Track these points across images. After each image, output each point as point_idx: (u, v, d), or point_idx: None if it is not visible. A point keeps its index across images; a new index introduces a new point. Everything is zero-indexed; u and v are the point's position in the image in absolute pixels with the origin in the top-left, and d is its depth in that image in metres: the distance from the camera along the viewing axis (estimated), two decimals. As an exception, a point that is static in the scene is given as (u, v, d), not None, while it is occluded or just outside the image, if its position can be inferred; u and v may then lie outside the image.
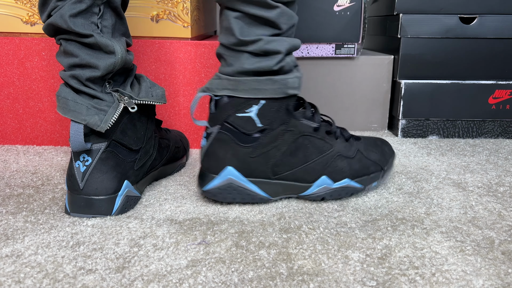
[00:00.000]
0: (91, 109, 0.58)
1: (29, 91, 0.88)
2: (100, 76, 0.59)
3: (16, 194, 0.67)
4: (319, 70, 1.03)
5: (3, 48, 0.86)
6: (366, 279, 0.46)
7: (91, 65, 0.59)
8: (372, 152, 0.68)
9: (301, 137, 0.62)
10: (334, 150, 0.64)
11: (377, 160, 0.67)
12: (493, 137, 1.01)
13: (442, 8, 0.96)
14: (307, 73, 1.04)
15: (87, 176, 0.58)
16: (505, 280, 0.46)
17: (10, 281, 0.45)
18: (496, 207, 0.64)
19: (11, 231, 0.55)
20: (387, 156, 0.69)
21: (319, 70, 1.03)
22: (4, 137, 0.91)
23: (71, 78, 0.59)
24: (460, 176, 0.76)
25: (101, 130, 0.58)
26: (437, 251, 0.51)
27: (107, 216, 0.59)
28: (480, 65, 0.99)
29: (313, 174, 0.63)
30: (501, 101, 0.99)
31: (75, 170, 0.58)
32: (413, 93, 0.99)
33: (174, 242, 0.53)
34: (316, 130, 0.63)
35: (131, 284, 0.45)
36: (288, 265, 0.48)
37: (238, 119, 0.60)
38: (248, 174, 0.62)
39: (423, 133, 1.01)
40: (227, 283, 0.45)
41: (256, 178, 0.62)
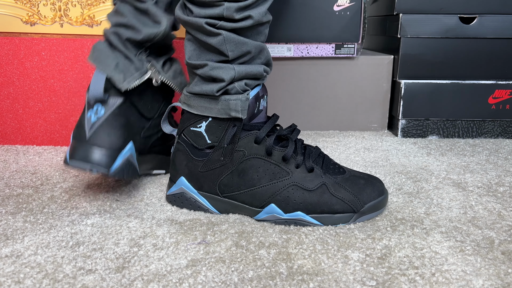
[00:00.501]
0: (119, 67, 0.62)
1: (29, 91, 0.88)
2: (139, 40, 0.63)
3: (16, 194, 0.67)
4: (319, 70, 1.03)
5: (3, 48, 0.86)
6: (366, 279, 0.46)
7: (134, 28, 0.63)
8: (345, 189, 0.58)
9: (251, 159, 0.60)
10: (290, 179, 0.58)
11: (347, 200, 0.57)
12: (493, 137, 1.01)
13: (442, 8, 0.96)
14: (307, 73, 1.04)
15: (96, 127, 0.60)
16: (505, 280, 0.46)
17: (10, 281, 0.45)
18: (496, 207, 0.64)
19: (10, 231, 0.55)
20: (366, 198, 0.58)
21: (319, 70, 1.03)
22: (4, 137, 0.91)
23: (112, 34, 0.64)
24: (460, 176, 0.76)
25: (122, 88, 0.61)
26: (437, 251, 0.51)
27: (105, 171, 0.58)
28: (480, 65, 0.99)
29: (261, 200, 0.59)
30: (501, 101, 0.99)
31: (85, 120, 0.60)
32: (413, 93, 0.99)
33: (174, 242, 0.53)
34: (268, 154, 0.59)
35: (131, 284, 0.45)
36: (288, 265, 0.48)
37: (191, 132, 0.62)
38: (199, 187, 0.62)
39: (423, 133, 1.01)
40: (227, 283, 0.45)
41: (206, 193, 0.62)
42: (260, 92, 0.61)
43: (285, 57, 1.03)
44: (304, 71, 1.04)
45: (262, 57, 0.61)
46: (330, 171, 0.61)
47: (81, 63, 0.87)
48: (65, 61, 0.87)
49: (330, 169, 0.61)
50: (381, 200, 0.60)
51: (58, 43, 0.86)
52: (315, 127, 1.08)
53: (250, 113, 0.60)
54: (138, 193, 0.68)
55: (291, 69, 1.04)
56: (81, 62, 0.87)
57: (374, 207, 0.59)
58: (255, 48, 0.59)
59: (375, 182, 0.61)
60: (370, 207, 0.59)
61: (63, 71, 0.87)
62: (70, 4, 0.87)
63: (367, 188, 0.59)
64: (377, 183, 0.61)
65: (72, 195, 0.66)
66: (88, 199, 0.65)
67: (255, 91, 0.60)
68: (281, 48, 1.02)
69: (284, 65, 1.04)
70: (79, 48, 0.86)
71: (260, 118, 0.62)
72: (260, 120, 0.62)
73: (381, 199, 0.60)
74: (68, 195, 0.66)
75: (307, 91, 1.04)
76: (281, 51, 1.02)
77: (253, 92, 0.60)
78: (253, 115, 0.61)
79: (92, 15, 0.87)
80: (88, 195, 0.67)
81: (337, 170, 0.61)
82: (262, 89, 0.62)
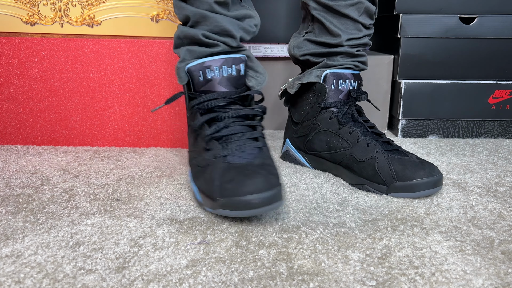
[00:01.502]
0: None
1: (29, 91, 0.88)
2: None
3: (16, 194, 0.67)
4: (319, 70, 1.03)
5: (3, 48, 0.86)
6: (366, 279, 0.46)
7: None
8: (389, 165, 0.67)
9: (323, 132, 0.76)
10: (349, 149, 0.72)
11: (383, 174, 0.67)
12: (493, 137, 1.01)
13: (442, 8, 0.96)
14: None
15: None
16: (504, 279, 0.46)
17: (10, 281, 0.45)
18: (496, 207, 0.64)
19: (11, 231, 0.55)
20: (406, 175, 0.65)
21: (319, 70, 1.03)
22: (4, 137, 0.91)
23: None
24: (460, 176, 0.76)
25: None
26: (436, 250, 0.51)
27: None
28: (480, 65, 0.99)
29: (333, 160, 0.75)
30: (501, 101, 0.99)
31: None
32: (413, 93, 0.99)
33: (174, 242, 0.53)
34: (340, 128, 0.74)
35: (131, 284, 0.45)
36: (288, 265, 0.48)
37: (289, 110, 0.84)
38: (296, 147, 0.82)
39: (423, 133, 1.01)
40: (227, 283, 0.45)
41: (300, 151, 0.81)
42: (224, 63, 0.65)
43: (285, 57, 1.03)
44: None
45: (210, 25, 0.64)
46: (389, 149, 0.70)
47: (81, 63, 0.87)
48: (65, 61, 0.87)
49: (389, 150, 0.70)
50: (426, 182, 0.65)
51: (58, 43, 0.86)
52: (315, 127, 1.08)
53: (197, 82, 0.65)
54: (138, 192, 0.68)
55: (291, 69, 1.04)
56: (81, 62, 0.87)
57: (399, 188, 0.66)
58: (194, 14, 0.64)
59: (427, 167, 0.66)
60: (394, 187, 0.66)
61: (63, 71, 0.87)
62: (70, 4, 0.87)
63: (414, 168, 0.66)
64: (430, 169, 0.66)
65: (72, 195, 0.66)
66: (88, 199, 0.65)
67: (200, 61, 0.65)
68: (281, 48, 1.02)
69: (284, 65, 1.04)
70: (79, 48, 0.86)
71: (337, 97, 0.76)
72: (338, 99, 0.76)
73: (423, 181, 0.65)
74: (68, 195, 0.66)
75: (307, 91, 1.04)
76: (281, 51, 1.02)
77: (197, 61, 0.65)
78: (327, 95, 0.75)
79: (92, 15, 0.87)
80: (88, 195, 0.67)
81: (397, 151, 0.70)
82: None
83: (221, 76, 0.65)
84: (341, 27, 0.75)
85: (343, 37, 0.74)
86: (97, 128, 0.90)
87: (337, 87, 0.75)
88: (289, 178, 0.75)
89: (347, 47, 0.75)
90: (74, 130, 0.90)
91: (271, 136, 1.03)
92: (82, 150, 0.89)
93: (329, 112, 0.75)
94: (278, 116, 1.08)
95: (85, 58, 0.87)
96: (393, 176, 0.66)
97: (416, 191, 0.65)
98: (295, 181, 0.73)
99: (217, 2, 0.63)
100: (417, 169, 0.65)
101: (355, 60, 0.77)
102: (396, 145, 0.71)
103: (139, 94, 0.88)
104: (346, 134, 0.73)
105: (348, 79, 0.75)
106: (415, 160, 0.67)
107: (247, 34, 0.68)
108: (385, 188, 0.67)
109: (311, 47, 0.78)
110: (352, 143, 0.72)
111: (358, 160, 0.70)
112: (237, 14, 0.66)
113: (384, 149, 0.69)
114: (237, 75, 0.66)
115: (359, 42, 0.76)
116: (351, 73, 0.76)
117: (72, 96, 0.88)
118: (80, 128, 0.90)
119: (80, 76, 0.87)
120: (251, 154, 0.60)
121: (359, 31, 0.75)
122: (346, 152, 0.72)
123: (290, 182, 0.72)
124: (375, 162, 0.68)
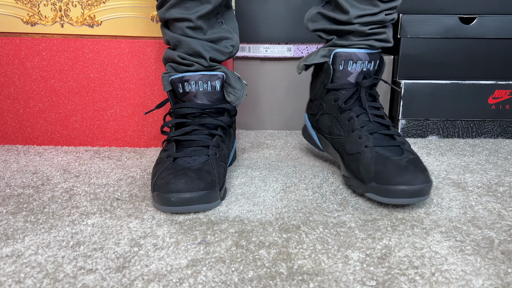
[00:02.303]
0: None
1: (30, 91, 0.88)
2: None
3: (16, 194, 0.67)
4: (319, 70, 1.03)
5: (3, 48, 0.86)
6: (366, 279, 0.46)
7: None
8: (370, 163, 0.62)
9: (327, 114, 0.74)
10: (344, 138, 0.70)
11: (362, 171, 0.63)
12: (492, 137, 1.01)
13: (442, 8, 0.96)
14: (307, 73, 1.04)
15: None
16: (504, 279, 0.46)
17: (11, 281, 0.45)
18: (496, 207, 0.64)
19: (11, 231, 0.55)
20: (382, 178, 0.60)
21: (319, 70, 1.03)
22: (4, 137, 0.91)
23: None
24: (460, 176, 0.76)
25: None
26: (436, 251, 0.51)
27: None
28: (479, 65, 0.99)
29: (332, 145, 0.74)
30: (501, 101, 0.99)
31: None
32: (412, 93, 0.99)
33: (174, 242, 0.53)
34: (341, 113, 0.71)
35: (131, 283, 0.45)
36: (288, 265, 0.48)
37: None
38: (311, 124, 0.80)
39: (423, 133, 1.01)
40: (227, 283, 0.45)
41: (314, 128, 0.80)
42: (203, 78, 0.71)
43: (285, 57, 1.03)
44: (304, 71, 1.04)
45: (184, 47, 0.70)
46: (383, 146, 0.65)
47: (82, 63, 0.87)
48: (66, 61, 0.87)
49: (385, 146, 0.65)
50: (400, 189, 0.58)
51: (58, 43, 0.86)
52: (315, 127, 1.08)
53: (178, 93, 0.72)
54: (138, 193, 0.68)
55: (291, 69, 1.04)
56: (81, 62, 0.87)
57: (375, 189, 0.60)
58: (172, 39, 0.71)
59: (410, 174, 0.59)
60: (382, 189, 0.60)
61: (63, 71, 0.87)
62: (70, 4, 0.87)
63: (395, 172, 0.59)
64: (412, 177, 0.58)
65: (73, 195, 0.67)
66: (88, 199, 0.65)
67: (181, 74, 0.71)
68: (281, 48, 1.02)
69: (284, 65, 1.04)
70: (80, 48, 0.86)
71: (345, 79, 0.72)
72: (346, 81, 0.71)
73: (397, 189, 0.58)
74: (69, 195, 0.67)
75: (307, 91, 1.04)
76: (281, 51, 1.02)
77: (179, 75, 0.71)
78: (334, 76, 0.72)
79: (92, 15, 0.87)
80: (89, 195, 0.67)
81: (396, 148, 0.65)
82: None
83: (197, 90, 0.71)
84: (353, 2, 0.67)
85: (352, 14, 0.67)
86: (98, 128, 0.90)
87: (346, 68, 0.69)
88: (289, 178, 0.75)
89: (358, 25, 0.68)
90: (75, 130, 0.90)
91: (271, 136, 1.03)
92: (83, 150, 0.89)
93: (334, 94, 0.72)
94: (278, 116, 1.08)
95: (86, 58, 0.87)
96: (372, 176, 0.61)
97: (390, 197, 0.59)
98: (295, 180, 0.73)
99: (189, 27, 0.69)
100: (397, 174, 0.59)
101: (369, 38, 0.69)
102: (400, 141, 0.65)
103: (139, 94, 0.88)
104: (344, 121, 0.69)
105: (360, 60, 0.69)
106: (402, 163, 0.60)
107: (221, 54, 0.73)
108: (364, 186, 0.63)
109: (323, 22, 0.72)
110: (347, 131, 0.69)
111: (347, 153, 0.68)
112: (212, 37, 0.72)
113: (375, 145, 0.64)
114: (213, 91, 0.71)
115: (373, 19, 0.67)
116: (365, 53, 0.69)
117: (72, 96, 0.88)
118: (81, 128, 0.90)
119: (81, 76, 0.87)
120: (196, 161, 0.64)
121: (374, 7, 0.67)
122: (341, 141, 0.70)
123: (289, 182, 0.72)
124: (360, 157, 0.64)
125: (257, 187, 0.70)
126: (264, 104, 1.07)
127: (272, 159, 0.85)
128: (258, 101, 1.07)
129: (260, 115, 1.08)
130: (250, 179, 0.74)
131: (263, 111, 1.08)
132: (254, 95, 1.07)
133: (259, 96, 1.07)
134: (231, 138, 0.77)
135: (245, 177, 0.75)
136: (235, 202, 0.64)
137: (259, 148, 0.93)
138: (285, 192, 0.68)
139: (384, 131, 0.66)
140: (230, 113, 0.75)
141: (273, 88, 1.06)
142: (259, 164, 0.82)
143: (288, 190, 0.69)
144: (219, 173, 0.64)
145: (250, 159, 0.85)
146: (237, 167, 0.80)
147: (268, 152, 0.90)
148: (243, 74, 1.05)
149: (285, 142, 0.98)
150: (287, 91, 1.06)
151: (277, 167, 0.80)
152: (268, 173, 0.77)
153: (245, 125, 1.09)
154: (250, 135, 1.04)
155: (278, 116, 1.08)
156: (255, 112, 1.08)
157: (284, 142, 0.98)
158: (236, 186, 0.71)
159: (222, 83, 0.73)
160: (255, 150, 0.91)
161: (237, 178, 0.74)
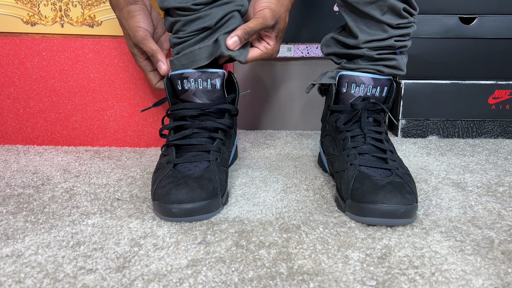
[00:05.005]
0: None
1: (30, 91, 0.88)
2: None
3: (17, 194, 0.67)
4: (319, 70, 1.03)
5: (3, 48, 0.86)
6: (366, 279, 0.46)
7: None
8: (349, 182, 0.60)
9: (328, 135, 0.74)
10: (335, 157, 0.69)
11: (343, 190, 0.61)
12: (492, 137, 1.01)
13: (442, 8, 0.96)
14: (307, 73, 1.04)
15: None
16: (504, 279, 0.46)
17: (11, 281, 0.45)
18: (496, 207, 0.64)
19: (11, 231, 0.55)
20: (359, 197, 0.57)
21: (319, 70, 1.03)
22: (4, 137, 0.91)
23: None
24: (460, 176, 0.76)
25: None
26: (436, 250, 0.51)
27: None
28: (479, 65, 0.99)
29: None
30: (501, 101, 0.99)
31: None
32: (413, 93, 0.99)
33: (174, 242, 0.53)
34: (338, 134, 0.71)
35: (132, 283, 0.45)
36: (288, 265, 0.48)
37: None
38: (321, 147, 0.79)
39: (423, 133, 1.02)
40: (227, 283, 0.45)
41: (324, 153, 0.78)
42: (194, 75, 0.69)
43: (285, 57, 1.03)
44: (304, 71, 1.04)
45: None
46: (369, 167, 0.62)
47: (82, 63, 0.87)
48: (66, 61, 0.87)
49: (371, 167, 0.62)
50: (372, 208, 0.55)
51: (58, 43, 0.86)
52: (315, 127, 1.08)
53: (177, 90, 0.70)
54: (139, 193, 0.68)
55: (291, 69, 1.04)
56: (81, 62, 0.87)
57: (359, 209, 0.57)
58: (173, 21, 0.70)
59: (384, 194, 0.56)
60: (355, 208, 0.57)
61: (63, 71, 0.87)
62: (70, 4, 0.87)
63: (370, 190, 0.57)
64: (386, 197, 0.55)
65: (73, 195, 0.67)
66: (89, 199, 0.65)
67: (180, 71, 0.69)
68: (281, 48, 1.02)
69: (284, 65, 1.04)
70: (80, 48, 0.86)
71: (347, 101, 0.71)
72: (347, 104, 0.71)
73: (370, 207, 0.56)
74: (69, 195, 0.67)
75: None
76: (281, 51, 1.02)
77: (178, 71, 0.69)
78: (338, 98, 0.72)
79: (92, 15, 0.87)
80: (89, 195, 0.67)
81: (382, 172, 0.61)
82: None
83: (196, 88, 0.69)
84: (363, 27, 0.68)
85: (361, 38, 0.68)
86: (98, 128, 0.90)
87: (349, 90, 0.69)
88: (289, 178, 0.75)
89: (366, 49, 0.68)
90: (75, 130, 0.90)
91: (271, 136, 1.03)
92: (83, 150, 0.89)
93: (335, 115, 0.72)
94: (278, 116, 1.08)
95: (86, 58, 0.87)
96: (349, 193, 0.59)
97: (362, 215, 0.57)
98: (295, 181, 0.73)
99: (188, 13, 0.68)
100: (372, 193, 0.56)
101: (378, 64, 0.69)
102: (392, 165, 0.61)
103: (139, 94, 0.88)
104: (340, 141, 0.69)
105: (363, 83, 0.68)
106: (380, 183, 0.57)
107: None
108: (344, 204, 0.61)
109: (335, 47, 0.74)
110: (339, 151, 0.68)
111: (335, 171, 0.67)
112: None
113: (361, 164, 0.62)
114: (213, 89, 0.69)
115: (382, 45, 0.67)
116: (369, 77, 0.68)
117: (72, 96, 0.89)
118: (81, 128, 0.90)
119: (81, 76, 0.87)
120: (196, 167, 0.63)
121: (383, 32, 0.67)
122: (332, 160, 0.70)
123: (290, 183, 0.72)
124: (343, 175, 0.63)
125: (258, 187, 0.70)
126: (264, 104, 1.07)
127: (272, 159, 0.85)
128: (259, 101, 1.07)
129: (260, 115, 1.08)
130: (251, 180, 0.74)
131: (263, 111, 1.08)
132: (254, 95, 1.07)
133: (259, 96, 1.07)
134: (232, 139, 0.76)
135: (245, 178, 0.75)
136: (235, 203, 0.64)
137: (259, 148, 0.93)
138: (286, 192, 0.68)
139: (377, 154, 0.64)
140: (231, 114, 0.73)
141: (273, 88, 1.06)
142: (259, 164, 0.82)
143: (288, 191, 0.69)
144: (220, 180, 0.62)
145: (250, 159, 0.85)
146: (237, 167, 0.80)
147: (269, 152, 0.90)
148: (243, 74, 1.05)
149: (285, 142, 0.98)
150: (287, 91, 1.06)
151: (277, 167, 0.80)
152: (269, 174, 0.77)
153: (245, 125, 1.09)
154: (250, 135, 1.04)
155: (278, 116, 1.08)
156: (255, 112, 1.08)
157: (284, 142, 0.98)
158: (237, 187, 0.71)
159: (222, 81, 0.70)
160: (255, 150, 0.91)
161: (238, 179, 0.74)
